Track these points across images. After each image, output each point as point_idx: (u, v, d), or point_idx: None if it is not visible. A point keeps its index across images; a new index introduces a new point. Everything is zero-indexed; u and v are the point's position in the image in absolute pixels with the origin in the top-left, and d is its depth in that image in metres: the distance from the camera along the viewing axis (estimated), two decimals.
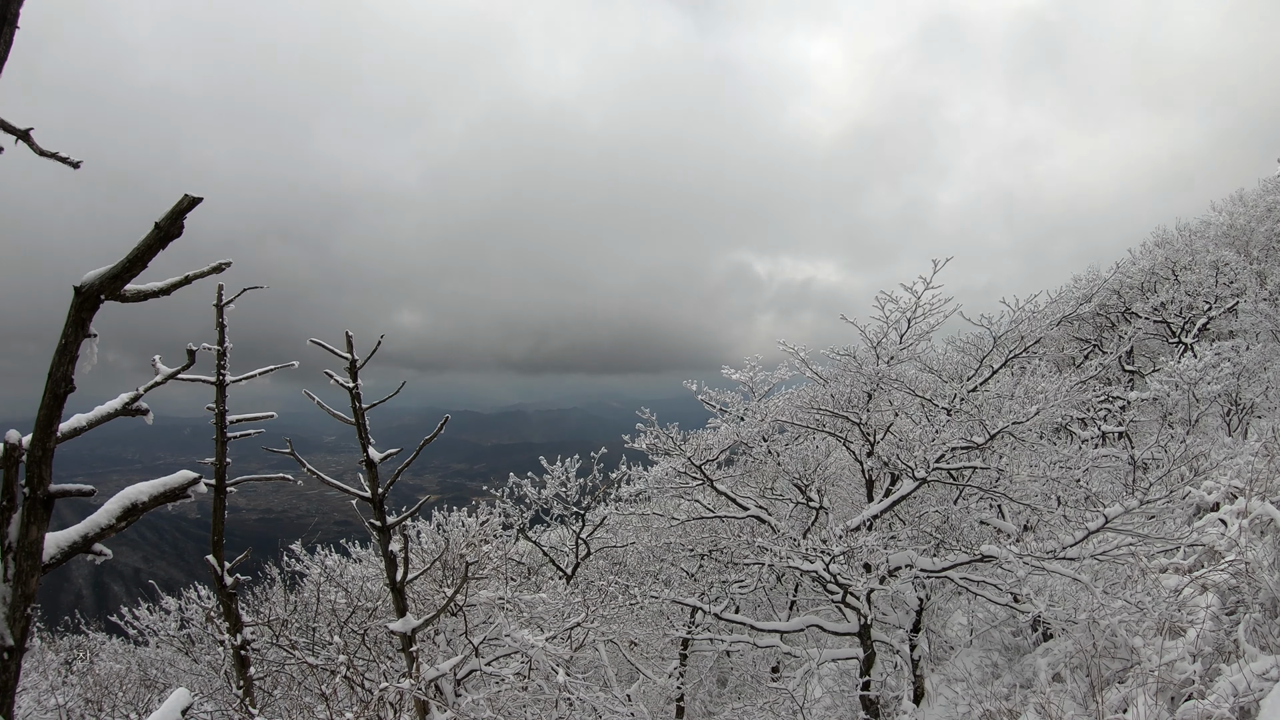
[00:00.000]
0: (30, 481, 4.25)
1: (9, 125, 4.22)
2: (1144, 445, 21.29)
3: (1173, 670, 9.12)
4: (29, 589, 4.27)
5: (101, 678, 17.66)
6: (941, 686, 16.83)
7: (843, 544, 14.82)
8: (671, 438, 17.35)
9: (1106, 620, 12.04)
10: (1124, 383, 28.25)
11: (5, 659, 4.18)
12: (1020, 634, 18.42)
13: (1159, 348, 31.34)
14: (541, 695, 13.25)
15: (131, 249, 4.22)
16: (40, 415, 4.25)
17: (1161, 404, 24.21)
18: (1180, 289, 29.52)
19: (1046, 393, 16.09)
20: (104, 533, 4.68)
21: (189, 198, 4.16)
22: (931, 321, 17.66)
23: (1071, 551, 13.74)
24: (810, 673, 16.45)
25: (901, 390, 17.77)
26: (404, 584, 11.97)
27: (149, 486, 4.89)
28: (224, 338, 12.43)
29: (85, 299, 4.24)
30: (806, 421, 18.13)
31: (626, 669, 19.87)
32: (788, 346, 18.41)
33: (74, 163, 4.40)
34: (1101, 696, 9.14)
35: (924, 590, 17.28)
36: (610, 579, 19.06)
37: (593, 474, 23.21)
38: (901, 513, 17.91)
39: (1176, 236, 32.62)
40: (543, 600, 15.07)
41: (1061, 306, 19.72)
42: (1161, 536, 13.66)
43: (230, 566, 12.53)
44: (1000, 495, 16.61)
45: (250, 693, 12.39)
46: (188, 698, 5.73)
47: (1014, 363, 18.72)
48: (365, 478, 11.87)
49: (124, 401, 5.07)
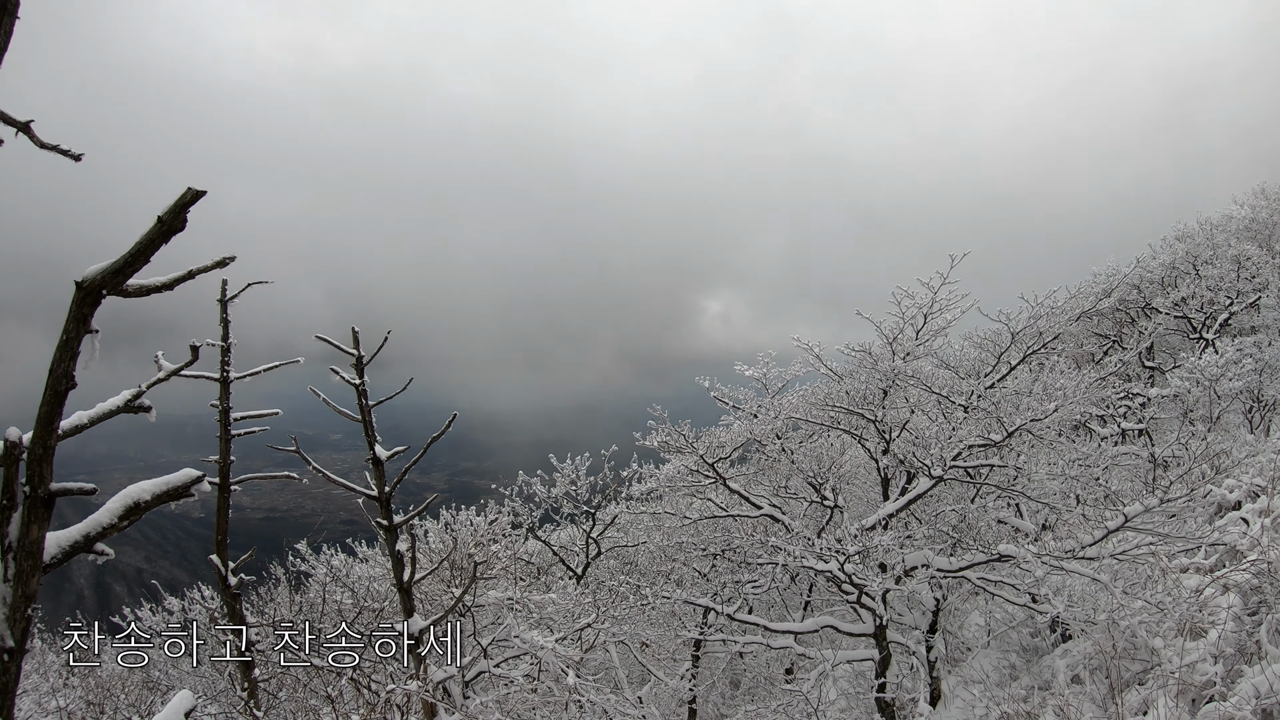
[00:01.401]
0: (31, 480, 4.24)
1: (9, 117, 4.20)
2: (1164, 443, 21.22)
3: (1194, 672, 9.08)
4: (30, 589, 4.26)
5: (103, 680, 17.66)
6: (958, 688, 16.78)
7: (858, 543, 14.78)
8: (683, 435, 17.30)
9: (1126, 621, 12.00)
10: (1144, 379, 28.10)
11: (5, 661, 4.17)
12: (1038, 635, 18.37)
13: (1180, 344, 31.21)
14: (551, 698, 13.23)
15: (134, 243, 4.21)
16: (41, 412, 4.23)
17: (1182, 401, 24.13)
18: (1201, 284, 29.36)
19: (1065, 389, 16.03)
20: (106, 532, 4.67)
21: (192, 191, 4.13)
22: (948, 317, 17.63)
23: (1090, 551, 13.70)
24: (825, 674, 16.40)
25: (918, 387, 17.74)
26: (411, 584, 11.97)
27: (152, 485, 4.87)
28: (228, 333, 12.44)
29: (87, 294, 4.22)
30: (821, 419, 18.09)
31: (638, 671, 19.87)
32: (802, 342, 18.39)
33: (75, 155, 4.37)
34: (1121, 699, 9.09)
35: (940, 590, 17.23)
36: (621, 579, 19.03)
37: (603, 472, 23.17)
38: (918, 511, 17.86)
39: (1197, 230, 32.44)
40: (552, 601, 15.05)
41: (1081, 302, 19.71)
42: (1182, 535, 13.61)
43: (234, 566, 12.56)
44: (1018, 494, 16.57)
45: (255, 695, 12.42)
46: (191, 700, 5.72)
47: (1032, 359, 18.70)
48: (372, 476, 11.87)
49: (126, 398, 5.05)
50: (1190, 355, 25.31)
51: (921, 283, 17.26)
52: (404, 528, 12.06)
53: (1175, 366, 26.56)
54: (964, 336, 22.97)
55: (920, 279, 17.29)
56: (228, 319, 12.43)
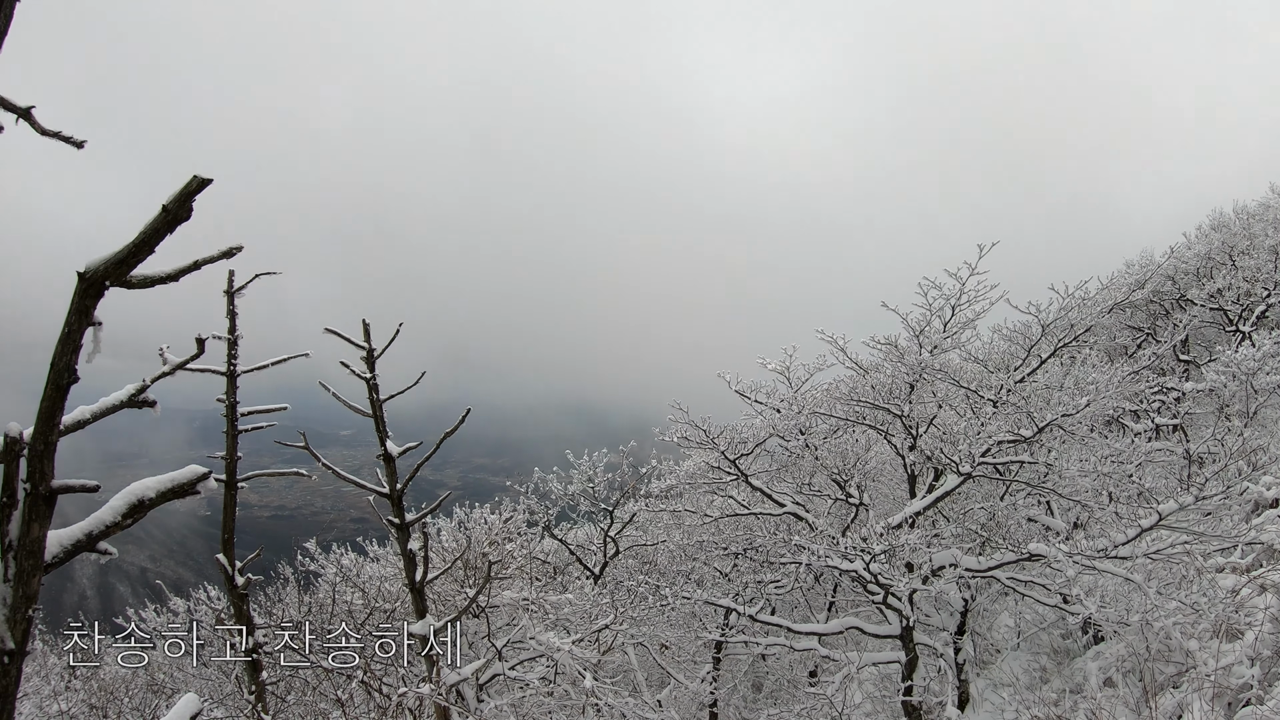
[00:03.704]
0: (32, 476, 4.21)
1: (10, 103, 4.18)
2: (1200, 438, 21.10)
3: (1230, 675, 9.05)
4: (31, 589, 4.24)
5: (106, 683, 17.72)
6: (987, 691, 16.75)
7: (884, 542, 14.72)
8: (704, 430, 17.26)
9: (1160, 622, 11.96)
10: (1179, 373, 27.98)
11: (6, 663, 4.15)
12: (1070, 636, 18.32)
13: (1215, 336, 31.06)
14: (568, 701, 13.23)
15: (138, 232, 4.19)
16: (42, 407, 4.21)
17: (1218, 395, 23.98)
18: (1238, 274, 29.17)
19: (1098, 384, 15.94)
20: (109, 530, 4.64)
21: (198, 179, 4.10)
22: (977, 309, 17.52)
23: (1123, 550, 13.63)
24: (850, 677, 16.35)
25: (945, 381, 17.67)
26: (424, 584, 11.97)
27: (156, 482, 4.85)
28: (235, 326, 12.43)
29: (89, 285, 4.19)
30: (846, 414, 18.03)
31: (657, 673, 19.86)
32: (825, 335, 18.33)
33: (78, 142, 4.35)
34: (1155, 702, 9.06)
35: (969, 591, 17.18)
36: (640, 579, 19.01)
37: (621, 468, 23.14)
38: (945, 509, 17.82)
39: (1234, 219, 32.20)
40: (569, 601, 15.06)
41: (1113, 293, 19.53)
42: (1218, 534, 13.57)
43: (241, 566, 12.55)
44: (1049, 491, 16.48)
45: (262, 698, 12.41)
46: (197, 704, 5.71)
47: (1063, 352, 18.58)
48: (383, 473, 11.87)
49: (130, 393, 5.03)
50: (1226, 348, 25.13)
51: (949, 273, 17.17)
52: (416, 526, 12.05)
53: (1211, 360, 26.39)
54: (993, 329, 22.87)
55: (948, 270, 17.20)
56: (235, 311, 12.41)
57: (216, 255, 4.72)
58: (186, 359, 6.50)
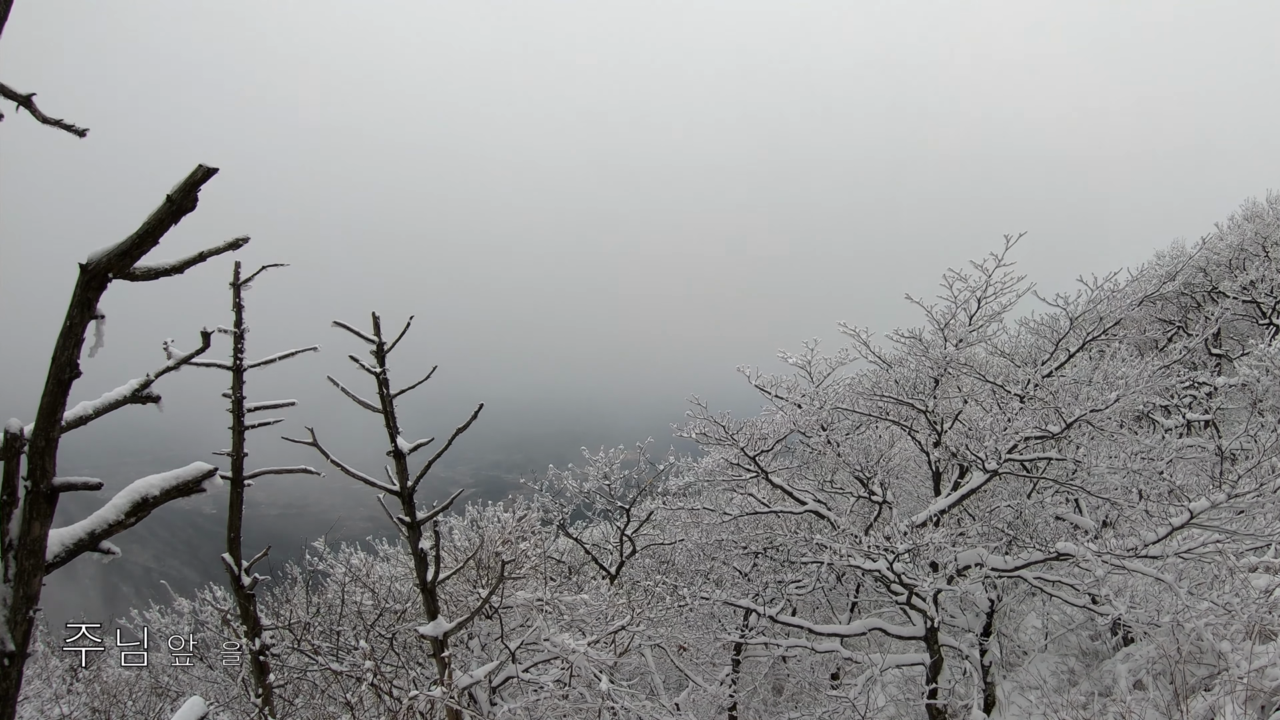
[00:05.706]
0: (33, 474, 4.20)
1: (10, 90, 4.16)
2: (1232, 434, 21.05)
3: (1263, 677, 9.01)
4: (32, 590, 4.22)
5: (110, 685, 17.73)
6: (1014, 694, 16.71)
7: (908, 541, 14.69)
8: (723, 426, 17.23)
9: (1192, 623, 11.92)
10: (1211, 367, 27.83)
11: (6, 665, 4.14)
12: (1099, 638, 18.28)
13: (1248, 330, 30.96)
14: (583, 704, 13.19)
15: (141, 223, 4.17)
16: (43, 403, 4.19)
17: (1251, 390, 23.87)
18: (1271, 266, 28.99)
19: (1127, 378, 15.87)
20: (112, 529, 4.63)
21: (203, 168, 4.08)
22: (1003, 301, 17.47)
23: (1154, 549, 13.57)
24: (873, 680, 16.34)
25: (971, 375, 17.63)
26: (435, 584, 11.95)
27: (160, 479, 4.84)
28: (241, 319, 12.42)
29: (92, 277, 4.17)
30: (868, 409, 18.00)
31: (675, 676, 19.83)
32: (848, 328, 18.29)
33: (79, 130, 4.34)
34: (1186, 705, 9.02)
35: (995, 591, 17.15)
36: (657, 579, 19.02)
37: (638, 465, 23.11)
38: (971, 507, 17.76)
39: (1267, 210, 32.00)
40: (584, 602, 15.03)
41: (1143, 285, 19.43)
42: (1251, 533, 13.51)
43: (248, 565, 12.55)
44: (1077, 489, 16.42)
45: (270, 701, 12.41)
46: (203, 707, 5.71)
47: (1092, 346, 18.50)
48: (393, 470, 11.84)
49: (133, 388, 5.02)
50: (1259, 342, 25.06)
51: (975, 265, 17.11)
52: (428, 524, 12.03)
53: (1244, 354, 26.29)
54: (1019, 322, 22.78)
55: (973, 261, 17.14)
56: (241, 303, 12.40)
57: (223, 246, 4.69)
58: (191, 353, 6.49)
